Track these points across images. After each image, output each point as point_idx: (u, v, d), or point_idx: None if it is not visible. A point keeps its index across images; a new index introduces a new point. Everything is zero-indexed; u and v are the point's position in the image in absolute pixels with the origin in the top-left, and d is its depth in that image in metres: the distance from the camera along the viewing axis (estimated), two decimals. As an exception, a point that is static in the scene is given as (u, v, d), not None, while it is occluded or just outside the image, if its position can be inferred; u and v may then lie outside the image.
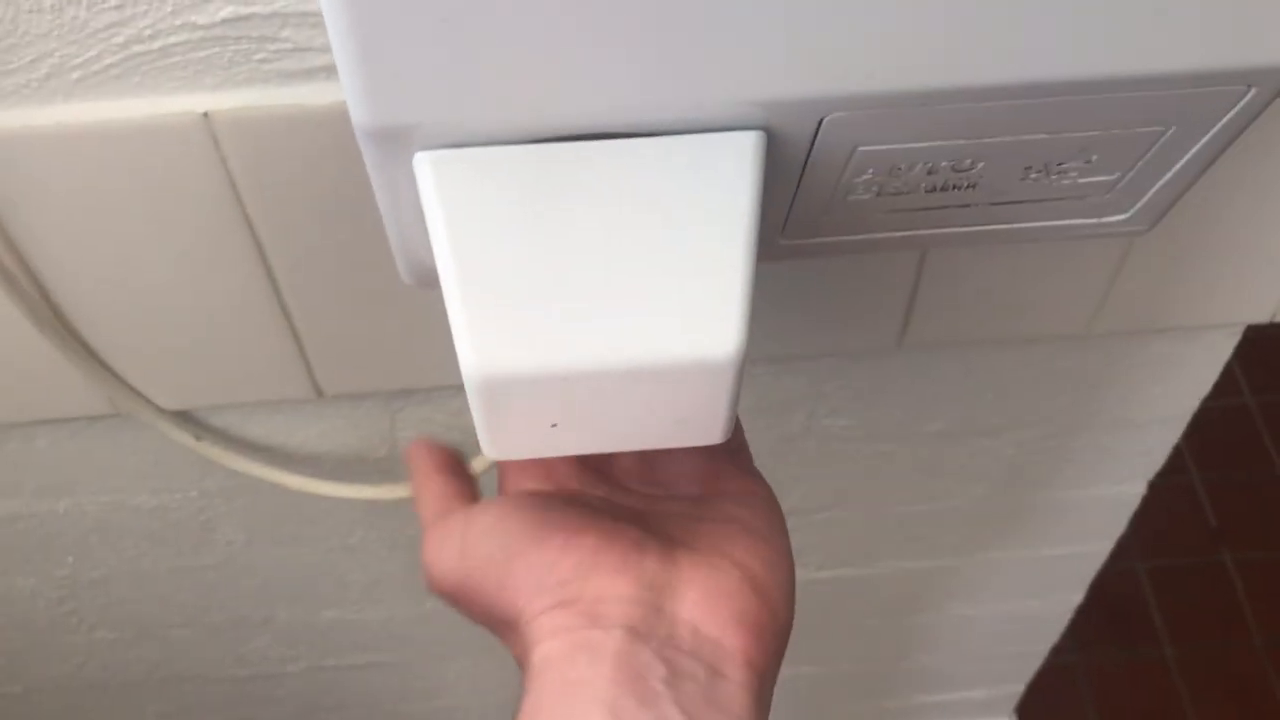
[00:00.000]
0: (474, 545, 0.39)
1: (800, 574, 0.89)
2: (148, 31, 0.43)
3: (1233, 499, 1.78)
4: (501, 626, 0.39)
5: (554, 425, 0.32)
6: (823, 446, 0.74)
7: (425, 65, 0.27)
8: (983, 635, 1.07)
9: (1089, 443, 0.77)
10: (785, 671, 0.39)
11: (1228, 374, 0.70)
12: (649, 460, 0.43)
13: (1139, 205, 0.38)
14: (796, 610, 0.41)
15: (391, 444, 0.67)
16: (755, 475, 0.43)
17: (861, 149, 0.32)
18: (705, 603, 0.36)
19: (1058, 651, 1.13)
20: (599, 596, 0.36)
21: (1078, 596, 1.00)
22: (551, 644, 0.35)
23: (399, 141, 0.30)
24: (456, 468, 0.46)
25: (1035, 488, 0.82)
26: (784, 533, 0.41)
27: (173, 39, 0.43)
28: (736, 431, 0.45)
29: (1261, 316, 0.65)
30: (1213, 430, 1.79)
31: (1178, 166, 0.35)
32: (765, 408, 0.69)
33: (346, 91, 0.28)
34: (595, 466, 0.43)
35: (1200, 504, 1.77)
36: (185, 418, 0.63)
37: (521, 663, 0.37)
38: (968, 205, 0.36)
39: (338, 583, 0.83)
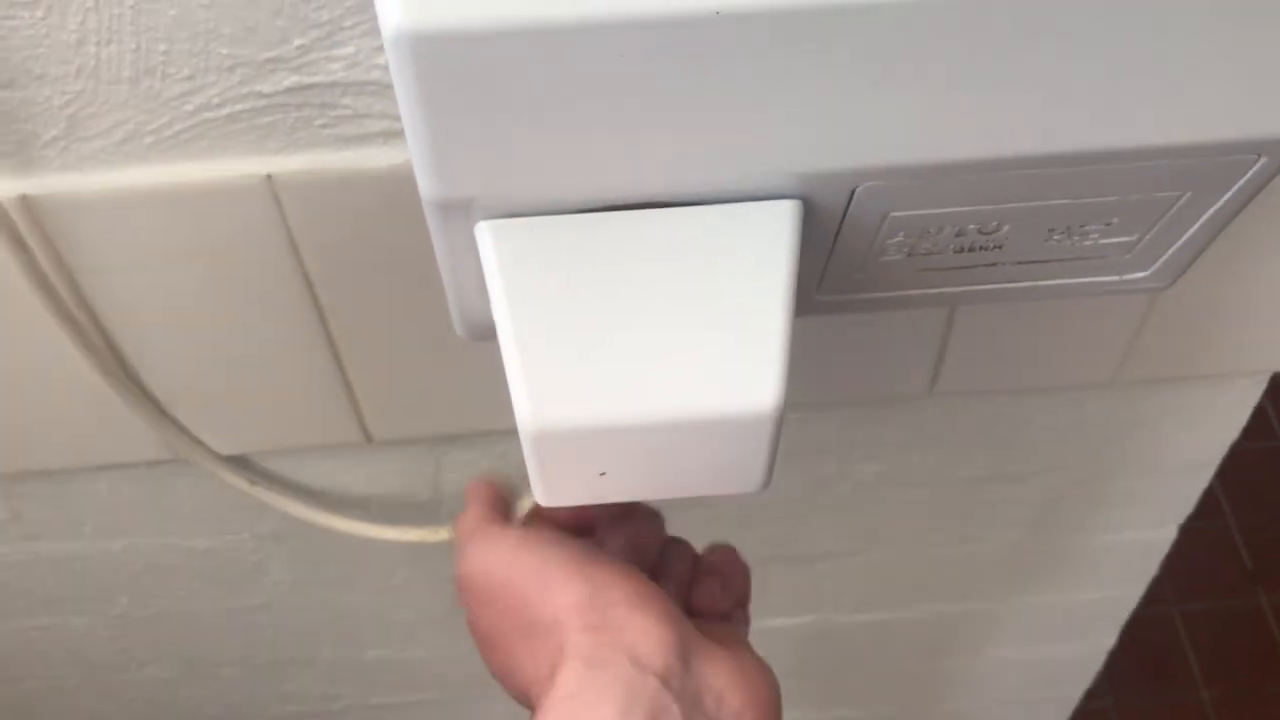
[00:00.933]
0: (531, 550, 0.41)
1: (835, 617, 0.91)
2: (216, 100, 0.45)
3: (1269, 541, 1.77)
4: (526, 630, 0.40)
5: (603, 474, 0.34)
6: (855, 491, 0.75)
7: (488, 144, 0.29)
8: (1017, 678, 1.07)
9: (1118, 488, 0.78)
10: (822, 714, 0.41)
11: (1261, 417, 0.71)
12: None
13: (1159, 264, 0.40)
14: (834, 653, 0.44)
15: (436, 488, 0.69)
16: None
17: (893, 214, 0.34)
18: (732, 676, 0.38)
19: (1092, 695, 1.13)
20: (645, 632, 0.37)
21: (1110, 640, 1.00)
22: (584, 672, 0.37)
23: (462, 211, 0.32)
24: (506, 508, 0.48)
25: (1066, 532, 0.83)
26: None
27: (239, 106, 0.46)
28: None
29: (1287, 365, 0.66)
30: (1248, 473, 1.78)
31: (1195, 228, 0.37)
32: (798, 452, 0.71)
33: (416, 165, 0.30)
34: None
35: (1236, 546, 1.77)
36: (240, 463, 0.65)
37: (537, 679, 0.39)
38: (995, 265, 0.38)
39: (382, 623, 0.85)
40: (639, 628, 0.37)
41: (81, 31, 0.42)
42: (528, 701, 0.40)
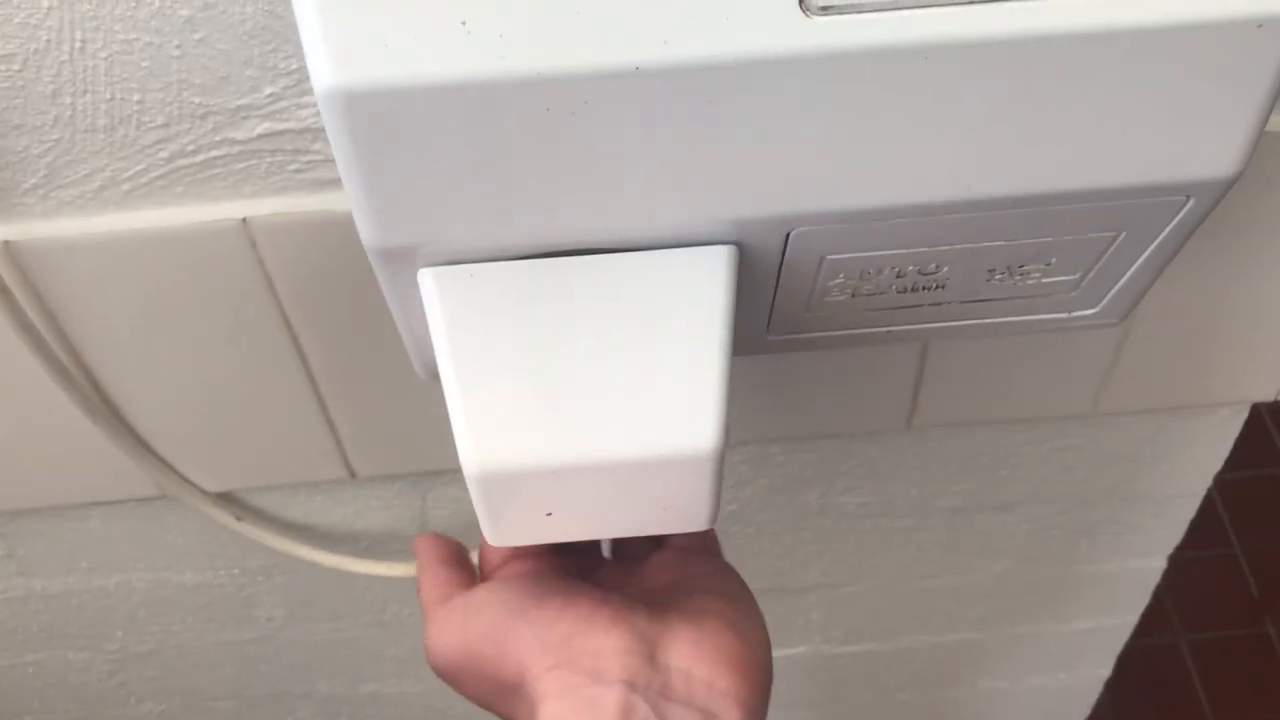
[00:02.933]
0: (475, 617, 0.42)
1: (824, 649, 0.91)
2: (190, 146, 0.47)
3: (1276, 569, 1.76)
4: (504, 693, 0.41)
5: (549, 514, 0.35)
6: (839, 523, 0.76)
7: (424, 194, 0.30)
8: (1013, 710, 1.07)
9: (1104, 517, 0.79)
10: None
11: (1267, 445, 0.71)
12: (624, 563, 0.46)
13: (1105, 301, 0.40)
14: (825, 684, 0.44)
15: (423, 523, 0.70)
16: (720, 559, 0.47)
17: (829, 257, 0.35)
18: (694, 649, 0.39)
19: (1099, 726, 1.13)
20: (598, 651, 0.39)
21: (1106, 671, 1.00)
22: (556, 704, 0.38)
23: (404, 258, 0.33)
24: (460, 559, 0.49)
25: (1054, 562, 0.83)
26: (752, 596, 0.44)
27: (214, 153, 0.47)
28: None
29: (1266, 395, 0.66)
30: (1254, 501, 1.77)
31: (1135, 267, 0.38)
32: (781, 486, 0.71)
33: (356, 216, 0.31)
34: (576, 571, 0.46)
35: (1243, 575, 1.76)
36: (227, 499, 0.66)
37: None
38: (940, 303, 0.39)
39: (374, 657, 0.85)
40: (591, 651, 0.39)
41: (57, 83, 0.43)
42: None
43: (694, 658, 0.39)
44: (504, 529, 0.35)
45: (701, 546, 0.47)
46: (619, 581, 0.46)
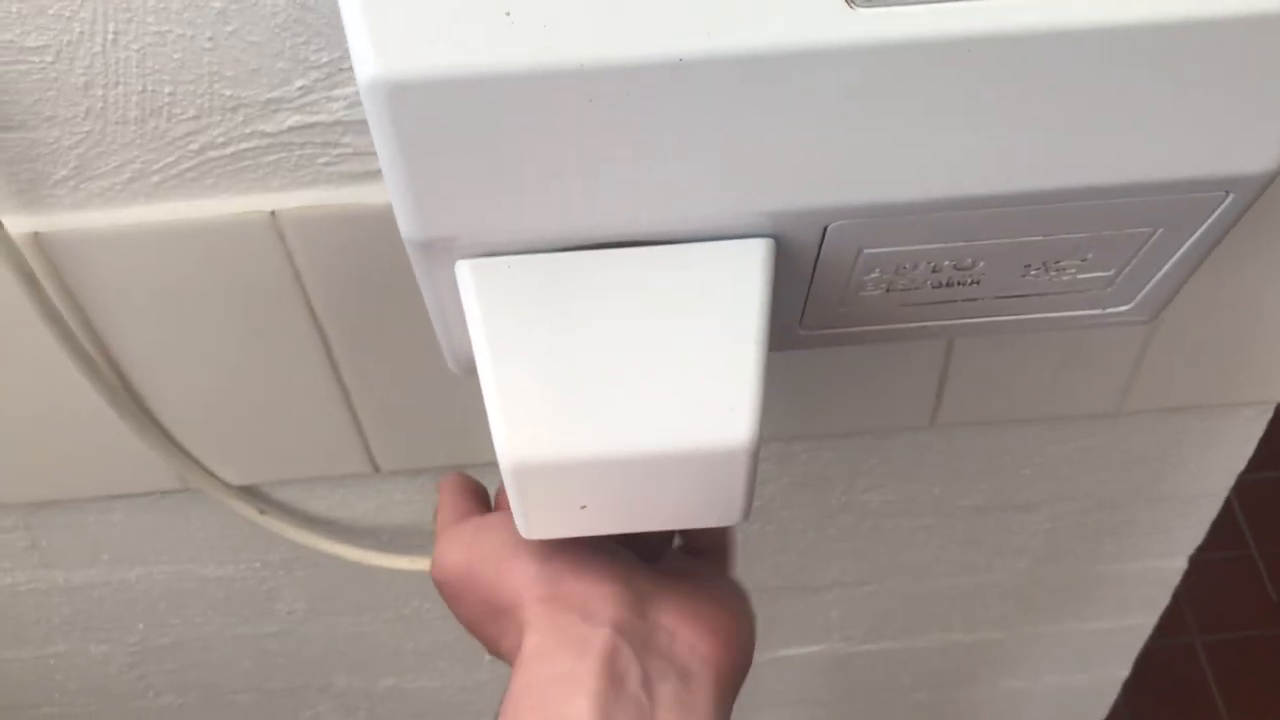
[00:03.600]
0: (482, 537, 0.44)
1: (842, 647, 0.91)
2: (221, 139, 0.47)
3: (1294, 571, 1.76)
4: (496, 617, 0.42)
5: (583, 507, 0.35)
6: (861, 521, 0.75)
7: (464, 186, 0.30)
8: (1030, 710, 1.07)
9: (1127, 518, 0.78)
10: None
11: (1284, 446, 0.71)
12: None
13: (1140, 297, 0.40)
14: (843, 682, 0.45)
15: (445, 517, 0.70)
16: (730, 572, 0.49)
17: (867, 251, 0.35)
18: (683, 612, 0.41)
19: (1115, 727, 1.12)
20: (589, 592, 0.40)
21: (1124, 671, 0.99)
22: (544, 636, 0.39)
23: (442, 250, 0.33)
24: (478, 493, 0.50)
25: (1075, 562, 0.83)
26: (749, 601, 0.46)
27: (244, 145, 0.47)
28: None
29: (1291, 395, 0.66)
30: (1272, 503, 1.77)
31: (1171, 263, 0.38)
32: (803, 484, 0.71)
33: (395, 208, 0.31)
34: None
35: (1260, 577, 1.75)
36: (251, 493, 0.66)
37: (511, 653, 0.41)
38: (975, 299, 0.39)
39: (394, 651, 0.86)
40: (585, 591, 0.40)
41: (89, 75, 0.43)
42: None
43: (681, 619, 0.40)
44: (538, 520, 0.35)
45: (715, 556, 0.49)
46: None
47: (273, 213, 0.49)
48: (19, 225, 0.48)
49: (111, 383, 0.55)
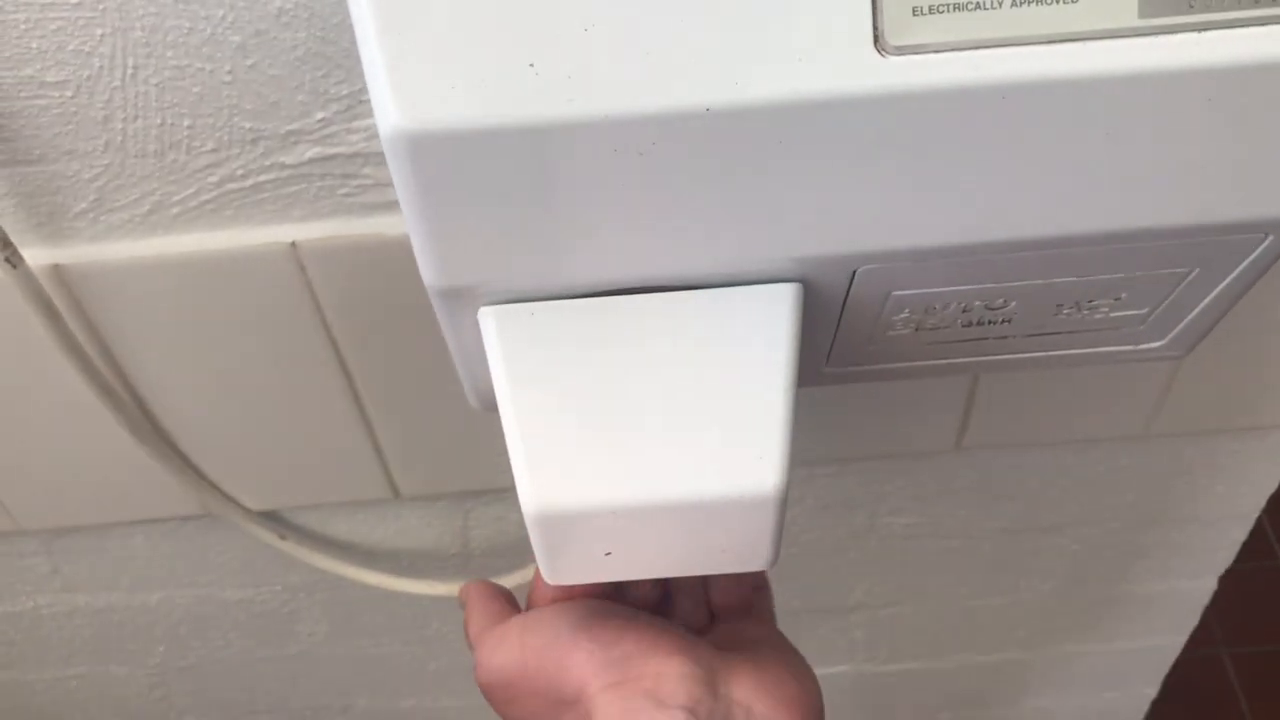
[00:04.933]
0: (535, 632, 0.42)
1: (866, 668, 0.90)
2: (240, 171, 0.46)
3: (1321, 583, 1.74)
4: (560, 710, 0.41)
5: (608, 554, 0.34)
6: (885, 543, 0.75)
7: (487, 235, 0.30)
8: (1058, 728, 1.06)
9: (1155, 539, 0.77)
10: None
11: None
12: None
13: (1173, 334, 0.39)
14: (866, 704, 0.44)
15: (465, 541, 0.70)
16: (772, 623, 0.47)
17: (896, 293, 0.34)
18: (756, 685, 0.39)
19: (1141, 742, 1.11)
20: (660, 673, 0.38)
21: (1152, 690, 0.98)
22: None
23: (465, 297, 0.32)
24: (507, 597, 0.48)
25: (1102, 582, 0.82)
26: (797, 651, 0.44)
27: (263, 177, 0.47)
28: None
29: (1323, 417, 0.65)
30: (1300, 514, 1.75)
31: (1206, 301, 0.37)
32: (828, 506, 0.70)
33: (418, 256, 0.31)
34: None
35: (1288, 589, 1.74)
36: (271, 518, 0.66)
37: None
38: (1005, 337, 0.38)
39: (415, 673, 0.85)
40: (654, 672, 0.38)
41: (109, 108, 0.43)
42: None
43: (755, 694, 0.39)
44: (562, 568, 0.35)
45: (761, 616, 0.47)
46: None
47: (293, 243, 0.48)
48: (39, 257, 0.48)
49: (132, 411, 0.55)
